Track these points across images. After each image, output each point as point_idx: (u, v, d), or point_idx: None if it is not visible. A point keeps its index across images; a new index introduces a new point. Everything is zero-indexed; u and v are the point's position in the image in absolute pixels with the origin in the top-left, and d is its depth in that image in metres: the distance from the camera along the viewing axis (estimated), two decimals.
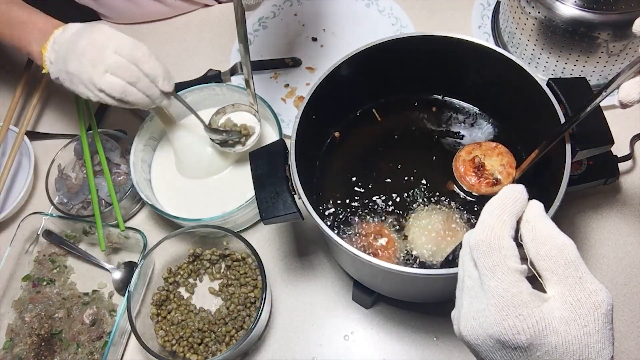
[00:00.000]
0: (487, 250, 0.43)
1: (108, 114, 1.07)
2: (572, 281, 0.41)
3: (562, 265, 0.42)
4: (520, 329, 0.40)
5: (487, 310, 0.42)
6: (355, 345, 0.81)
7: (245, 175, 0.90)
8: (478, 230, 0.44)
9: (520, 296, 0.41)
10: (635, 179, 0.89)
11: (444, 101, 0.84)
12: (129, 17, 1.17)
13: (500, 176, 0.74)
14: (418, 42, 0.75)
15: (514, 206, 0.44)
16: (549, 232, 0.43)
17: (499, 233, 0.43)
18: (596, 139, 0.65)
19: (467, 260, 0.45)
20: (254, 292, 0.82)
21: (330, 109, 0.78)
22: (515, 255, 0.43)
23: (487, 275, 0.42)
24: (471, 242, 0.44)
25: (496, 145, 0.77)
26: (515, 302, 0.41)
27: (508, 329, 0.40)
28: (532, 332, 0.40)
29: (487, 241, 0.43)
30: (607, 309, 0.41)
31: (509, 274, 0.42)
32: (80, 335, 0.84)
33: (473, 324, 0.43)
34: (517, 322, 0.40)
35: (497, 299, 0.41)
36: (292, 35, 1.10)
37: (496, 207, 0.45)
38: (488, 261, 0.43)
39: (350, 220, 0.75)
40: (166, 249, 0.84)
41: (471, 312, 0.43)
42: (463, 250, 0.47)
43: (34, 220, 0.90)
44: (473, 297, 0.44)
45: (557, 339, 0.40)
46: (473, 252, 0.44)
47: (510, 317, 0.40)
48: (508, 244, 0.43)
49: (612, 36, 0.85)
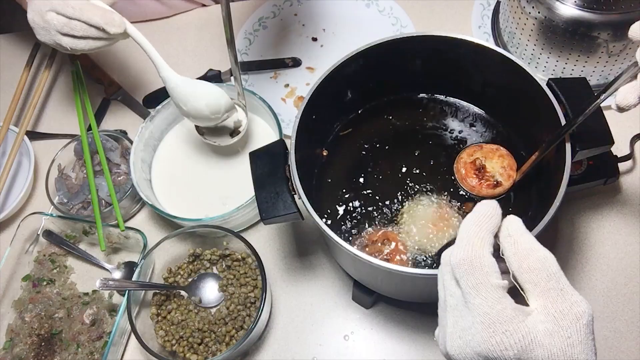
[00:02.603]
0: (470, 268, 0.43)
1: (108, 114, 1.07)
2: (554, 293, 0.42)
3: (544, 278, 0.43)
4: (508, 345, 0.40)
5: (473, 328, 0.42)
6: (355, 345, 0.81)
7: (245, 175, 0.90)
8: (458, 249, 0.45)
9: (505, 312, 0.41)
10: (635, 179, 0.89)
11: (444, 101, 0.84)
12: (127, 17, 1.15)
13: (501, 178, 0.74)
14: (418, 42, 0.75)
15: (490, 223, 0.46)
16: (531, 245, 0.44)
17: (479, 251, 0.44)
18: (596, 139, 0.65)
19: (449, 279, 0.46)
20: (254, 292, 0.82)
21: (330, 109, 0.78)
22: (496, 271, 0.43)
23: (471, 294, 0.43)
24: (452, 262, 0.45)
25: (497, 147, 0.77)
26: (500, 319, 0.41)
27: (496, 346, 0.40)
28: (519, 347, 0.40)
29: (468, 260, 0.44)
30: (588, 320, 0.42)
31: (492, 291, 0.42)
32: (80, 335, 0.84)
33: (460, 343, 0.43)
34: (504, 339, 0.40)
35: (482, 316, 0.42)
36: (292, 35, 1.10)
37: (473, 224, 0.45)
38: (471, 279, 0.43)
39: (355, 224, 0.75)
40: (166, 249, 0.84)
41: (457, 331, 0.44)
42: (443, 269, 0.47)
43: (34, 220, 0.90)
44: (458, 316, 0.44)
45: (543, 352, 0.40)
46: (455, 271, 0.44)
47: (497, 333, 0.41)
48: (489, 261, 0.44)
49: (612, 36, 0.85)
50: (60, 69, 1.14)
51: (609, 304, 0.80)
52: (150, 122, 0.93)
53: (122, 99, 1.06)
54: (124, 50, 1.14)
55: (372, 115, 0.84)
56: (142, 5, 1.14)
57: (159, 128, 0.96)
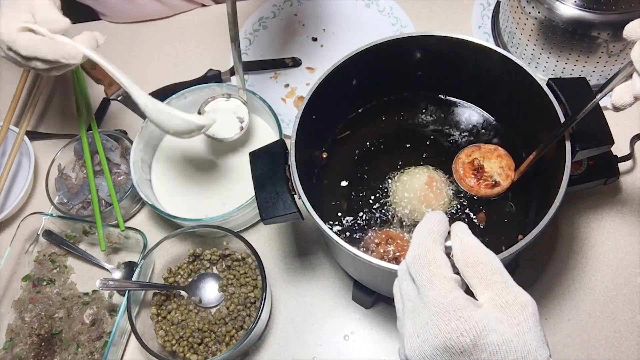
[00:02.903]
0: (424, 262, 0.46)
1: (108, 114, 1.07)
2: (499, 286, 0.45)
3: (489, 272, 0.45)
4: (464, 330, 0.42)
5: (429, 322, 0.43)
6: (355, 345, 0.81)
7: (245, 176, 0.91)
8: (413, 248, 0.48)
9: (458, 301, 0.43)
10: (635, 179, 0.89)
11: (444, 101, 0.84)
12: (127, 16, 1.17)
13: (499, 178, 0.74)
14: (418, 42, 0.75)
15: (439, 226, 0.49)
16: (476, 243, 0.48)
17: (431, 246, 0.47)
18: (596, 139, 0.65)
19: (405, 284, 0.48)
20: (254, 292, 0.82)
21: (330, 109, 0.78)
22: (448, 265, 0.47)
23: (426, 286, 0.45)
24: (408, 260, 0.48)
25: (495, 147, 0.77)
26: (454, 307, 0.43)
27: (452, 332, 0.42)
28: (474, 332, 0.42)
29: (423, 254, 0.47)
30: (533, 309, 0.44)
31: (445, 282, 0.45)
32: (80, 335, 0.84)
33: (418, 342, 0.44)
34: (459, 324, 0.42)
35: (437, 306, 0.43)
36: (292, 35, 1.10)
37: (425, 228, 0.49)
38: (425, 272, 0.46)
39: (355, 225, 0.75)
40: (166, 249, 0.84)
41: (415, 331, 0.45)
42: (400, 277, 0.49)
43: (34, 220, 0.90)
44: (415, 317, 0.45)
45: (498, 337, 0.42)
46: (410, 268, 0.47)
47: (452, 320, 0.42)
48: (441, 255, 0.47)
49: (612, 36, 0.85)
50: None
51: (609, 304, 0.80)
52: (150, 122, 0.93)
53: (122, 99, 1.06)
54: (124, 50, 1.14)
55: (372, 115, 0.84)
56: (142, 5, 1.14)
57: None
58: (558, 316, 0.80)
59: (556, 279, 0.82)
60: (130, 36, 1.16)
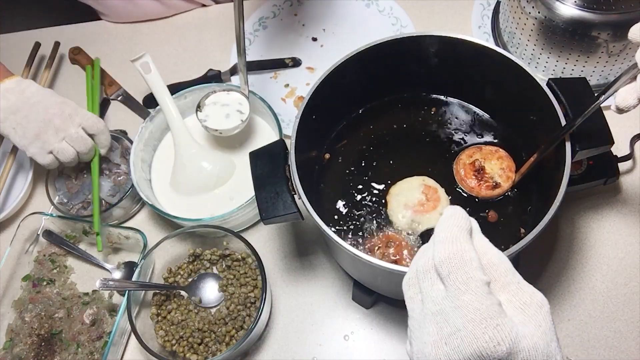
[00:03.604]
0: (460, 263, 0.43)
1: (108, 114, 1.07)
2: (514, 287, 0.43)
3: (502, 273, 0.44)
4: (500, 340, 0.40)
5: (463, 329, 0.40)
6: (355, 345, 0.81)
7: (245, 176, 0.90)
8: (443, 247, 0.44)
9: (494, 307, 0.41)
10: (635, 179, 0.89)
11: (443, 101, 0.84)
12: (127, 16, 1.17)
13: (500, 179, 0.74)
14: (418, 42, 0.75)
15: (465, 222, 0.46)
16: (487, 244, 0.46)
17: (465, 246, 0.44)
18: (596, 139, 0.65)
19: (429, 284, 0.44)
20: (254, 292, 0.82)
21: (330, 109, 0.78)
22: (480, 267, 0.43)
23: (460, 289, 0.42)
24: (437, 260, 0.44)
25: (496, 149, 0.77)
26: (491, 314, 0.40)
27: (489, 341, 0.40)
28: (510, 340, 0.40)
29: (459, 254, 0.43)
30: (548, 308, 0.43)
31: (481, 286, 0.42)
32: (80, 335, 0.84)
33: (446, 350, 0.41)
34: (496, 333, 0.40)
35: (473, 312, 0.41)
36: (292, 35, 1.10)
37: (454, 225, 0.45)
38: (461, 274, 0.42)
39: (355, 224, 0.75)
40: (166, 249, 0.84)
41: (442, 338, 0.42)
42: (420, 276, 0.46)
43: (34, 220, 0.90)
44: (442, 322, 0.42)
45: (528, 343, 0.40)
46: (442, 267, 0.43)
47: (489, 328, 0.40)
48: (475, 256, 0.43)
49: (612, 36, 0.85)
50: (60, 69, 1.14)
51: (609, 304, 0.80)
52: (150, 122, 0.93)
53: (122, 99, 1.06)
54: (124, 50, 1.14)
55: (372, 115, 0.84)
56: (142, 5, 1.14)
57: (159, 128, 0.96)
58: (558, 316, 0.80)
59: (556, 279, 0.82)
60: (130, 36, 1.16)
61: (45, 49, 1.10)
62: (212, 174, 0.91)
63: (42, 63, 1.10)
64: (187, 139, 0.91)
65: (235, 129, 0.89)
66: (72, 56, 1.12)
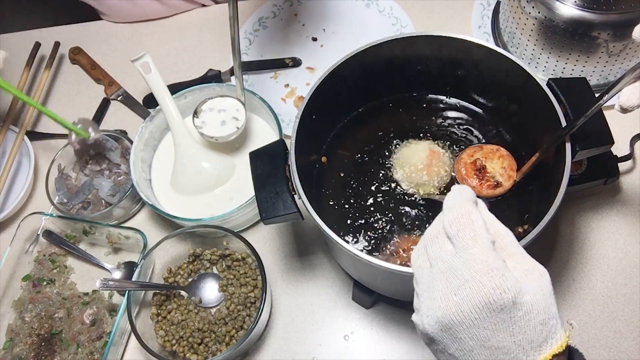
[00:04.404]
0: (468, 222, 0.46)
1: (108, 114, 1.07)
2: (519, 256, 0.47)
3: (508, 243, 0.48)
4: (506, 288, 0.42)
5: (471, 279, 0.43)
6: (355, 345, 0.81)
7: (245, 176, 0.90)
8: (452, 211, 0.48)
9: (499, 261, 0.44)
10: (635, 179, 0.89)
11: (443, 101, 0.84)
12: (126, 16, 1.17)
13: (501, 179, 0.74)
14: (418, 42, 0.75)
15: (471, 194, 0.50)
16: (494, 219, 0.49)
17: (471, 209, 0.48)
18: (596, 139, 0.65)
19: (436, 247, 0.48)
20: (254, 292, 0.82)
21: (330, 109, 0.78)
22: (486, 228, 0.47)
23: (469, 244, 0.45)
24: (447, 221, 0.47)
25: (497, 148, 0.77)
26: (497, 265, 0.44)
27: (496, 288, 0.42)
28: (515, 289, 0.42)
29: (466, 215, 0.47)
30: (548, 278, 0.45)
31: (487, 242, 0.45)
32: (80, 335, 0.84)
33: (456, 300, 0.44)
34: (503, 281, 0.43)
35: (481, 264, 0.44)
36: (292, 35, 1.10)
37: (459, 195, 0.49)
38: (469, 231, 0.46)
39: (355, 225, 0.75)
40: (166, 249, 0.84)
41: (451, 290, 0.44)
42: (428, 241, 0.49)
43: (34, 220, 0.90)
44: (450, 277, 0.45)
45: (530, 298, 0.43)
46: (451, 227, 0.47)
47: (496, 277, 0.43)
48: (480, 218, 0.47)
49: (612, 36, 0.85)
50: (60, 69, 1.14)
51: (609, 304, 0.80)
52: (150, 122, 0.93)
53: (122, 99, 1.06)
54: (124, 50, 1.14)
55: (372, 115, 0.84)
56: (142, 5, 1.14)
57: (159, 128, 0.96)
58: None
59: (556, 279, 0.82)
60: (130, 36, 1.16)
61: (45, 49, 1.10)
62: (212, 174, 0.91)
63: (42, 63, 1.10)
64: (187, 139, 0.91)
65: (231, 136, 0.90)
66: (72, 56, 1.12)
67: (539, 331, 0.43)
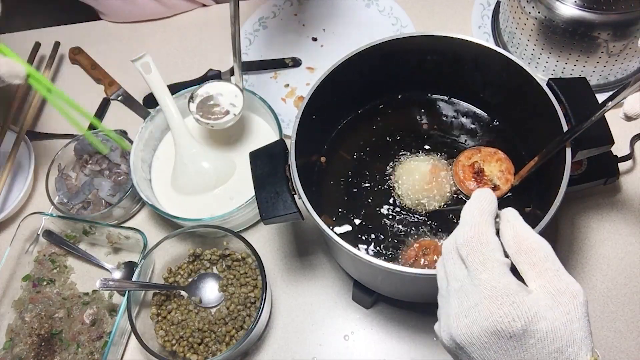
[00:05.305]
0: (478, 244, 0.46)
1: (108, 114, 1.07)
2: (551, 273, 0.45)
3: (541, 259, 0.45)
4: (515, 316, 0.42)
5: (480, 304, 0.43)
6: (355, 345, 0.81)
7: (245, 176, 0.90)
8: (465, 229, 0.47)
9: (511, 286, 0.43)
10: (635, 179, 0.89)
11: (443, 102, 0.84)
12: (126, 16, 1.17)
13: (499, 182, 0.74)
14: (418, 42, 0.75)
15: (490, 207, 0.49)
16: (528, 230, 0.48)
17: (485, 229, 0.47)
18: (596, 139, 0.65)
19: (452, 265, 0.48)
20: (254, 292, 0.82)
21: (330, 109, 0.78)
22: (500, 249, 0.46)
23: (478, 269, 0.45)
24: (459, 241, 0.47)
25: (495, 151, 0.77)
26: (507, 291, 0.43)
27: (504, 317, 0.42)
28: (526, 318, 0.41)
29: (476, 237, 0.46)
30: (584, 299, 0.44)
31: (498, 266, 0.44)
32: (80, 335, 0.84)
33: (466, 322, 0.43)
34: (512, 310, 0.42)
35: (490, 290, 0.43)
36: (292, 35, 1.10)
37: (476, 209, 0.48)
38: (478, 255, 0.45)
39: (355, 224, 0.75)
40: (166, 249, 0.84)
41: (462, 311, 0.44)
42: (445, 257, 0.49)
43: (34, 220, 0.90)
44: (462, 297, 0.45)
45: (547, 325, 0.42)
46: (462, 249, 0.46)
47: (504, 305, 0.42)
48: (494, 238, 0.46)
49: (612, 36, 0.85)
50: (60, 69, 1.14)
51: (609, 304, 0.80)
52: (150, 122, 0.93)
53: (122, 99, 1.06)
54: (124, 50, 1.14)
55: (372, 115, 0.84)
56: (142, 5, 1.14)
57: (159, 128, 0.96)
58: None
59: None
60: (130, 36, 1.17)
61: (45, 49, 1.10)
62: (212, 174, 0.91)
63: (42, 63, 1.10)
64: (187, 139, 0.91)
65: (227, 123, 0.88)
66: (72, 56, 1.12)
67: (554, 359, 0.42)
